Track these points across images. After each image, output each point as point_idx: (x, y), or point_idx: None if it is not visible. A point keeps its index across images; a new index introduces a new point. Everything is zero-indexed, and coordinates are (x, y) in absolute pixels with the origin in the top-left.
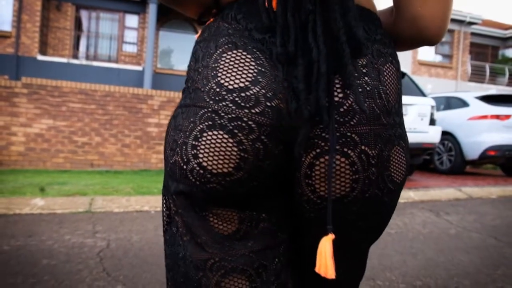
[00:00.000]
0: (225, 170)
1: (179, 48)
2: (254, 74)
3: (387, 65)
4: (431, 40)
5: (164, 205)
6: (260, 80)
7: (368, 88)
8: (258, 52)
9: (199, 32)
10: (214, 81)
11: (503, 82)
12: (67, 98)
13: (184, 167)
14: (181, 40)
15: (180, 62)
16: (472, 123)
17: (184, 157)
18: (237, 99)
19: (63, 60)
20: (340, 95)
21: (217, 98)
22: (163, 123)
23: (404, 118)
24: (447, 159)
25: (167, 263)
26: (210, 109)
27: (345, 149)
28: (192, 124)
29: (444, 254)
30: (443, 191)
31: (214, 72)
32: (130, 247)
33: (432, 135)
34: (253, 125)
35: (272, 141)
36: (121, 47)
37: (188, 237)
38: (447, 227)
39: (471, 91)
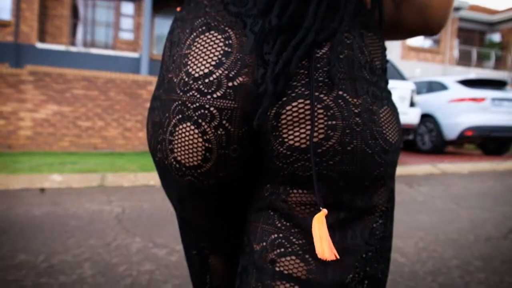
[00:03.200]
0: (195, 163)
1: None
2: (219, 56)
3: (371, 33)
4: (434, 30)
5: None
6: (224, 61)
7: (348, 41)
8: (229, 30)
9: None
10: (184, 70)
11: (489, 66)
12: (71, 85)
13: (165, 162)
14: None
15: None
16: (451, 106)
17: (164, 153)
18: (201, 86)
19: (62, 47)
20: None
21: (185, 89)
22: None
23: None
24: (428, 139)
25: None
26: (180, 101)
27: (317, 93)
28: (167, 120)
29: (409, 215)
30: (420, 167)
31: (185, 60)
32: (142, 213)
33: (412, 117)
34: (214, 111)
35: (234, 123)
36: (118, 34)
37: (181, 225)
38: (417, 195)
39: (452, 75)
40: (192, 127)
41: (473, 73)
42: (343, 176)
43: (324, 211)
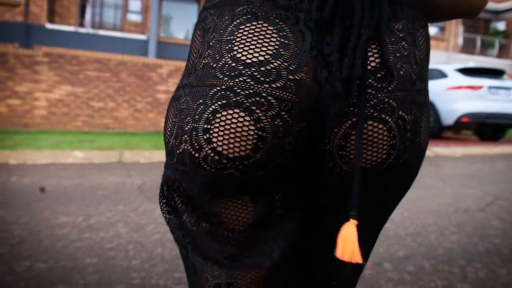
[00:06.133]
0: (242, 153)
1: (182, 18)
2: (276, 47)
3: (421, 30)
4: (474, 10)
5: (166, 198)
6: (283, 53)
7: (405, 53)
8: (281, 23)
9: None
10: (229, 55)
11: (493, 54)
12: (84, 66)
13: (196, 155)
14: (185, 10)
15: (183, 32)
16: (449, 93)
17: (195, 144)
18: (256, 73)
19: (71, 28)
20: (378, 60)
21: (232, 74)
22: (172, 90)
23: None
24: None
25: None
26: (224, 86)
27: (383, 115)
28: (202, 106)
29: None
30: None
31: (230, 45)
32: None
33: None
34: (272, 101)
35: (293, 117)
36: (126, 16)
37: (196, 230)
38: None
39: (455, 63)
40: (242, 114)
41: (477, 61)
42: (395, 183)
43: (355, 221)
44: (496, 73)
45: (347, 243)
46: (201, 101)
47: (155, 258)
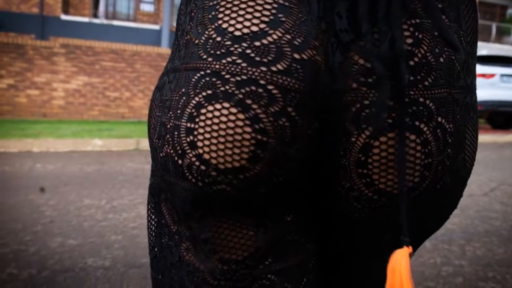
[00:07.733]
0: (236, 164)
1: None
2: (273, 11)
3: (466, 3)
4: None
5: (153, 213)
6: (283, 19)
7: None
8: None
9: None
10: (213, 26)
11: (509, 41)
12: (100, 57)
13: (179, 162)
14: None
15: None
16: None
17: (178, 148)
18: (248, 51)
19: (85, 19)
20: (409, 41)
21: (218, 52)
22: None
23: None
24: None
25: None
26: (208, 71)
27: (417, 122)
28: (184, 97)
29: None
30: None
31: (214, 13)
32: None
33: None
34: (274, 91)
35: (303, 115)
36: (139, 6)
37: (188, 258)
38: None
39: None
40: (234, 110)
41: (492, 48)
42: (423, 216)
43: (409, 249)
44: (509, 61)
45: (395, 277)
46: (183, 90)
47: None
